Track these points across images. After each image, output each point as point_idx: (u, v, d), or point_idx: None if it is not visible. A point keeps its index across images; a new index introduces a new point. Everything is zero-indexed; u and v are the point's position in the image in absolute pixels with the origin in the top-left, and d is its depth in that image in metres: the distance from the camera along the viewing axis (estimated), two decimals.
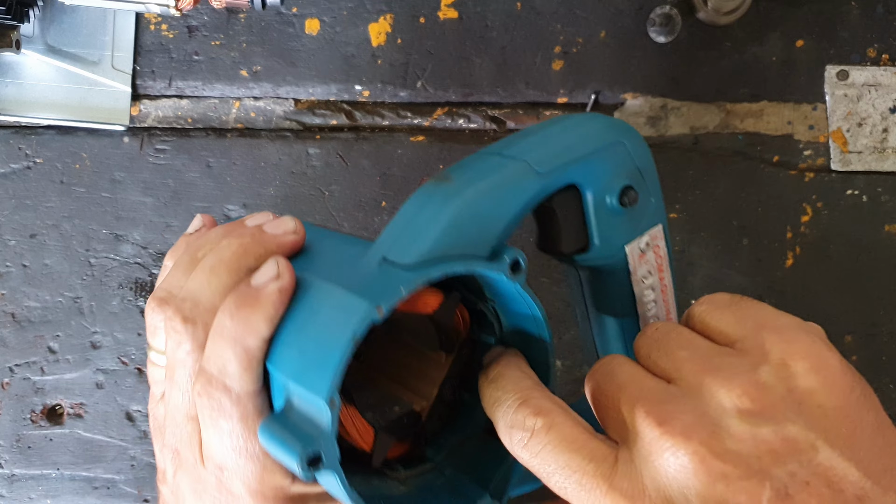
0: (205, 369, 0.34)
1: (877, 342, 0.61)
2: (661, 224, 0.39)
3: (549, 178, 0.35)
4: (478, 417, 0.38)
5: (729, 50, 0.61)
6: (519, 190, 0.35)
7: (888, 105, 0.61)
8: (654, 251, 0.40)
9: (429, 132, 0.61)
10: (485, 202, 0.34)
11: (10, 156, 0.60)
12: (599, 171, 0.37)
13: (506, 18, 0.60)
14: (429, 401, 0.37)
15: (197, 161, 0.60)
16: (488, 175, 0.34)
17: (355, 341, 0.29)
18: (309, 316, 0.32)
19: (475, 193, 0.33)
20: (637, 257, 0.39)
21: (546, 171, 0.35)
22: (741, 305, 0.33)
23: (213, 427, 0.34)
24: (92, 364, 0.60)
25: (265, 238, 0.36)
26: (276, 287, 0.33)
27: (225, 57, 0.61)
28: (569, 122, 0.38)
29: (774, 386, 0.30)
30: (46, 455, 0.60)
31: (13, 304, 0.60)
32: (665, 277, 0.41)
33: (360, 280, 0.32)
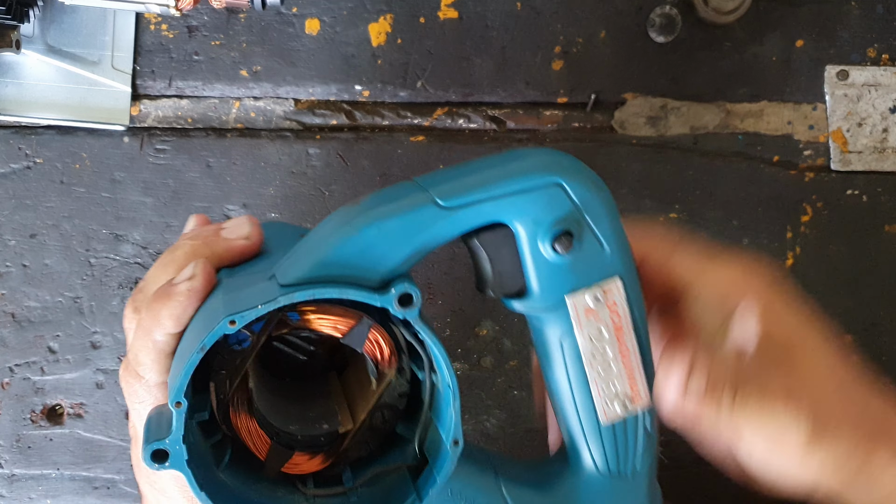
0: (127, 357, 0.36)
1: (877, 342, 0.61)
2: (619, 277, 0.35)
3: (458, 213, 0.33)
4: (407, 454, 0.38)
5: (729, 50, 0.61)
6: (416, 222, 0.33)
7: (888, 105, 0.61)
8: (610, 308, 0.36)
9: (429, 132, 0.61)
10: (375, 231, 0.33)
11: (10, 156, 0.60)
12: (528, 212, 0.34)
13: (506, 18, 0.60)
14: (356, 425, 0.37)
15: (197, 161, 0.60)
16: (390, 203, 0.33)
17: (202, 349, 0.31)
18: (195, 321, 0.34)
19: (366, 221, 0.33)
20: (582, 311, 0.35)
21: (452, 205, 0.33)
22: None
23: (133, 411, 0.36)
24: (92, 364, 0.60)
25: (216, 242, 0.37)
26: (186, 287, 0.34)
27: (225, 57, 0.61)
28: (502, 158, 0.35)
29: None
30: (46, 455, 0.60)
31: (13, 303, 0.60)
32: (628, 342, 0.36)
33: (241, 293, 0.33)
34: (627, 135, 0.61)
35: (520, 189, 0.34)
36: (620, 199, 0.60)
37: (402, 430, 0.38)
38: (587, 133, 0.61)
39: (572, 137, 0.61)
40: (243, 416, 0.36)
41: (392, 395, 0.38)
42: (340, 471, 0.38)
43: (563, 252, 0.34)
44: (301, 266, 0.32)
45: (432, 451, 0.37)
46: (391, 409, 0.38)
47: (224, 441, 0.37)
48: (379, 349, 0.36)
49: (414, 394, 0.38)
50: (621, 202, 0.60)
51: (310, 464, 0.37)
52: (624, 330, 0.36)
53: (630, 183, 0.61)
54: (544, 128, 0.61)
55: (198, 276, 0.35)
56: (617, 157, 0.61)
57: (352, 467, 0.38)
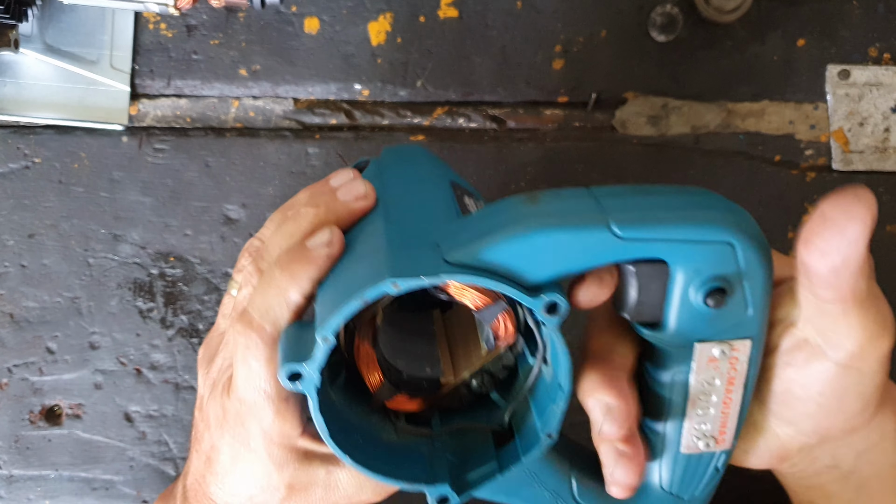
0: (247, 311, 0.38)
1: None
2: (751, 339, 0.36)
3: (629, 244, 0.33)
4: (494, 419, 0.39)
5: (730, 49, 0.61)
6: (588, 243, 0.33)
7: (890, 104, 0.61)
8: (731, 362, 0.36)
9: (429, 131, 0.61)
10: (545, 239, 0.33)
11: (8, 155, 0.60)
12: (693, 261, 0.34)
13: (506, 17, 0.60)
14: (456, 379, 0.39)
15: (196, 160, 0.60)
16: (568, 215, 0.33)
17: (364, 301, 0.32)
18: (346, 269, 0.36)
19: (539, 225, 0.33)
20: (706, 359, 0.36)
21: (628, 237, 0.33)
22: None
23: (244, 364, 0.37)
24: (90, 364, 0.60)
25: (337, 206, 0.40)
26: (325, 252, 0.37)
27: (224, 56, 0.60)
28: (685, 199, 0.35)
29: None
30: (45, 456, 0.60)
31: (11, 304, 0.60)
32: (734, 394, 0.37)
33: (402, 254, 0.34)
34: (628, 134, 0.61)
35: (694, 239, 0.34)
36: None
37: (496, 398, 0.40)
38: (588, 132, 0.61)
39: (573, 137, 0.61)
40: (366, 346, 0.38)
41: (497, 365, 0.40)
42: (430, 415, 0.40)
43: (712, 306, 0.35)
44: (467, 249, 0.33)
45: (521, 427, 0.39)
46: (492, 377, 0.40)
47: (341, 363, 0.39)
48: (504, 327, 0.37)
49: (515, 368, 0.40)
50: None
51: (408, 404, 0.40)
52: (735, 383, 0.37)
53: (631, 182, 0.60)
54: (545, 127, 0.61)
55: (335, 244, 0.37)
56: (618, 157, 0.61)
57: (441, 414, 0.40)
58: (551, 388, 0.37)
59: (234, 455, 0.40)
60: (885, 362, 0.37)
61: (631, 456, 0.37)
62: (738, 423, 0.38)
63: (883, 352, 0.36)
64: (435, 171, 0.44)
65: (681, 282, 0.34)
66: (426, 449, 0.39)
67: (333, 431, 0.35)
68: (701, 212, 0.34)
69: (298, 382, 0.34)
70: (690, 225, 0.33)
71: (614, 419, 0.36)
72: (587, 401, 0.37)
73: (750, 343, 0.36)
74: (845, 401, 0.37)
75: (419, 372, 0.40)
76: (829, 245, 0.33)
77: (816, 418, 0.38)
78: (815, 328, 0.36)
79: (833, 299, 0.34)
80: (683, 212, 0.34)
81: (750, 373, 0.37)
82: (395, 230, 0.37)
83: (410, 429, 0.39)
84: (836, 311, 0.35)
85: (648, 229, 0.33)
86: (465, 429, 0.40)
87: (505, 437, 0.39)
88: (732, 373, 0.37)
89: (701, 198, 0.35)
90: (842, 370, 0.36)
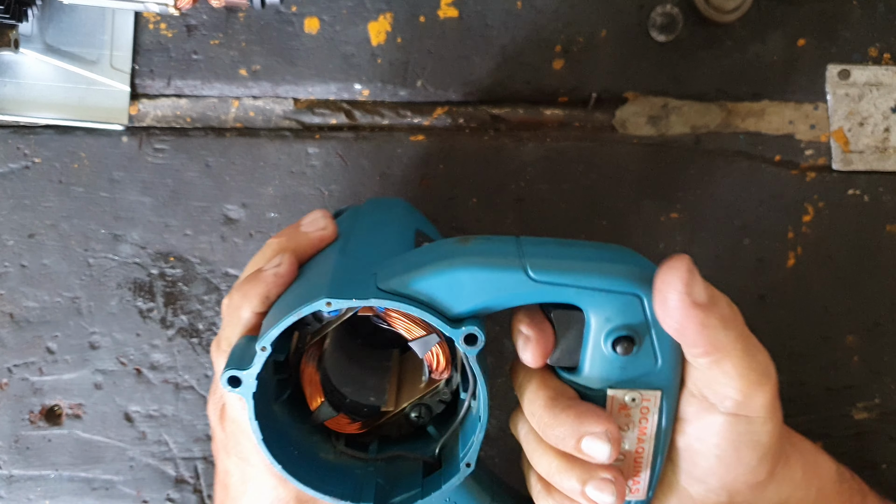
0: (218, 336, 0.42)
1: (879, 342, 0.61)
2: (661, 391, 0.38)
3: (542, 287, 0.37)
4: (428, 450, 0.43)
5: (730, 49, 0.61)
6: (504, 282, 0.37)
7: (890, 104, 0.61)
8: (642, 412, 0.39)
9: (429, 131, 0.61)
10: (468, 276, 0.37)
11: (8, 155, 0.60)
12: (603, 309, 0.37)
13: (506, 17, 0.60)
14: (396, 409, 0.43)
15: (196, 160, 0.60)
16: (491, 256, 0.37)
17: (299, 315, 0.36)
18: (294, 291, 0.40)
19: (463, 264, 0.37)
20: (617, 406, 0.39)
21: (540, 279, 0.37)
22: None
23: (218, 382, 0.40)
24: (90, 364, 0.60)
25: (298, 237, 0.44)
26: (272, 272, 0.41)
27: (224, 56, 0.60)
28: (599, 252, 0.39)
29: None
30: (45, 456, 0.60)
31: (11, 304, 0.60)
32: (646, 444, 0.39)
33: (342, 279, 0.38)
34: (628, 134, 0.61)
35: (603, 288, 0.37)
36: (621, 199, 0.60)
37: (432, 430, 0.44)
38: (588, 132, 0.61)
39: (573, 137, 0.61)
40: (310, 368, 0.42)
41: (434, 398, 0.43)
42: (369, 440, 0.44)
43: (620, 353, 0.37)
44: (398, 279, 0.37)
45: (448, 458, 0.42)
46: (428, 409, 0.43)
47: (288, 381, 0.43)
48: (437, 361, 0.41)
49: (452, 404, 0.44)
50: (622, 202, 0.60)
51: (348, 426, 0.43)
52: (647, 433, 0.39)
53: (631, 182, 0.60)
54: (545, 127, 0.61)
55: (283, 264, 0.41)
56: (618, 157, 0.61)
57: (379, 441, 0.44)
58: (474, 420, 0.40)
59: (242, 474, 0.43)
60: (772, 409, 0.38)
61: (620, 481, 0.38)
62: (651, 475, 0.40)
63: (767, 398, 0.38)
64: (406, 219, 0.49)
65: (594, 329, 0.38)
66: (360, 471, 0.42)
67: (269, 439, 0.38)
68: (613, 265, 0.37)
69: (238, 388, 0.37)
70: (601, 275, 0.37)
71: (613, 440, 0.37)
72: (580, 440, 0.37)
73: (660, 395, 0.39)
74: (742, 451, 0.39)
75: (362, 399, 0.43)
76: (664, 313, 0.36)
77: (718, 472, 0.39)
78: (703, 382, 0.38)
79: (699, 354, 0.37)
80: (596, 263, 0.37)
81: (661, 426, 0.39)
82: (345, 261, 0.41)
83: (348, 451, 0.43)
84: (710, 364, 0.37)
85: (560, 275, 0.37)
86: (399, 457, 0.43)
87: (434, 467, 0.42)
88: (644, 422, 0.39)
89: (615, 252, 0.39)
90: (732, 420, 0.38)
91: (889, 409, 0.61)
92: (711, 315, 0.36)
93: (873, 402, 0.61)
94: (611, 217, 0.60)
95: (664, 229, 0.60)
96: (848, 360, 0.61)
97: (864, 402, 0.61)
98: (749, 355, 0.37)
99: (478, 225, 0.60)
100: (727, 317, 0.36)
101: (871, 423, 0.61)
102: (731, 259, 0.60)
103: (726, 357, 0.36)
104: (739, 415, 0.38)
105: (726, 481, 0.40)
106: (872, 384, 0.61)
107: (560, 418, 0.38)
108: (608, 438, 0.37)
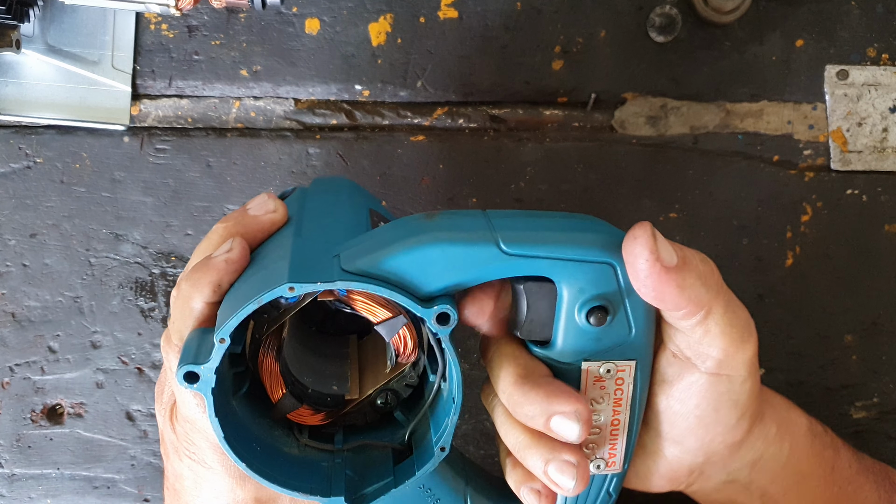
0: (167, 332, 0.39)
1: (877, 341, 0.61)
2: (635, 361, 0.38)
3: (515, 261, 0.36)
4: (396, 437, 0.41)
5: (729, 50, 0.61)
6: (476, 257, 0.35)
7: (888, 105, 0.61)
8: (617, 383, 0.38)
9: (429, 132, 0.61)
10: (438, 252, 0.35)
11: (10, 155, 0.60)
12: (576, 280, 0.36)
13: (506, 18, 0.60)
14: (361, 396, 0.41)
15: (197, 161, 0.60)
16: (460, 231, 0.36)
17: (259, 302, 0.34)
18: (250, 277, 0.37)
19: (432, 239, 0.35)
20: (592, 379, 0.38)
21: (513, 252, 0.35)
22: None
23: (176, 385, 0.37)
24: (92, 364, 0.60)
25: (246, 219, 0.41)
26: (223, 258, 0.38)
27: (225, 56, 0.61)
28: (571, 222, 0.38)
29: None
30: (46, 454, 0.60)
31: (13, 303, 0.60)
32: (622, 416, 0.39)
33: (303, 262, 0.36)
34: (627, 134, 0.61)
35: (576, 258, 0.36)
36: (620, 199, 0.60)
37: (399, 416, 0.42)
38: (587, 133, 0.61)
39: (572, 137, 0.61)
40: (269, 358, 0.40)
41: (401, 383, 0.41)
42: (334, 431, 0.42)
43: (594, 324, 0.37)
44: (364, 259, 0.35)
45: (419, 444, 0.40)
46: (395, 395, 0.42)
47: (245, 374, 0.40)
48: (404, 343, 0.39)
49: (419, 387, 0.42)
50: (621, 202, 0.61)
51: (311, 418, 0.41)
52: (622, 404, 0.39)
53: (630, 183, 0.61)
54: (544, 127, 0.61)
55: (235, 249, 0.38)
56: (617, 157, 0.61)
57: (345, 431, 0.42)
58: (447, 403, 0.39)
59: (196, 477, 0.40)
60: (753, 367, 0.38)
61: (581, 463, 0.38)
62: (627, 446, 0.40)
63: (748, 356, 0.38)
64: (356, 198, 0.47)
65: (567, 300, 0.37)
66: (327, 464, 0.40)
67: (230, 436, 0.36)
68: (584, 234, 0.37)
69: (195, 384, 0.35)
70: (573, 245, 0.36)
71: (583, 420, 0.37)
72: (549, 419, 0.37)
73: (635, 364, 0.38)
74: (721, 411, 0.38)
75: (325, 388, 0.41)
76: (638, 283, 0.35)
77: (697, 433, 0.39)
78: (683, 343, 0.38)
79: (684, 316, 0.36)
80: (568, 233, 0.37)
81: (636, 395, 0.39)
82: (301, 243, 0.38)
83: (313, 444, 0.41)
84: (695, 324, 0.36)
85: (533, 247, 0.36)
86: (367, 446, 0.41)
87: (405, 454, 0.41)
88: (619, 393, 0.38)
89: (586, 222, 0.38)
90: (713, 379, 0.38)
91: (887, 408, 0.61)
92: (687, 274, 0.35)
93: (872, 401, 0.61)
94: (610, 217, 0.60)
95: (663, 229, 0.60)
96: (846, 359, 0.61)
97: (863, 402, 0.61)
98: (731, 311, 0.37)
99: None
100: (704, 272, 0.36)
101: (869, 421, 0.61)
102: (729, 259, 0.61)
103: (709, 317, 0.36)
104: (721, 374, 0.37)
105: (704, 441, 0.39)
106: (871, 383, 0.61)
107: (530, 396, 0.37)
108: (578, 418, 0.36)
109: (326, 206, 0.44)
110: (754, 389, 0.39)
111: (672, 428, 0.39)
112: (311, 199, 0.45)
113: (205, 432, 0.38)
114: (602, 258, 0.36)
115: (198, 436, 0.39)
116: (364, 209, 0.45)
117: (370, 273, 0.35)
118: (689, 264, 0.35)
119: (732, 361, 0.37)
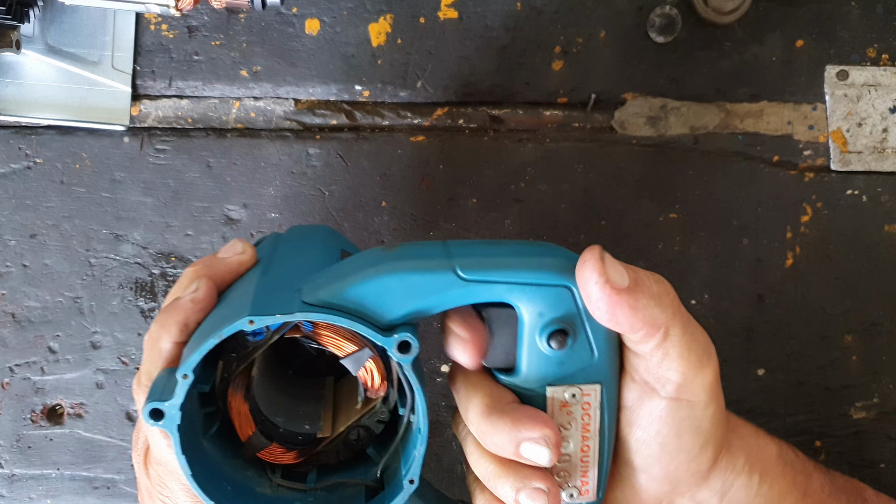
0: (139, 372, 0.40)
1: (877, 342, 0.61)
2: (600, 384, 0.38)
3: (473, 287, 0.36)
4: (369, 474, 0.41)
5: (729, 50, 0.61)
6: (434, 284, 0.36)
7: (888, 105, 0.61)
8: (584, 408, 0.38)
9: (429, 132, 0.61)
10: (396, 281, 0.36)
11: (10, 156, 0.60)
12: (535, 304, 0.37)
13: (506, 18, 0.60)
14: (332, 435, 0.41)
15: (197, 161, 0.60)
16: (417, 259, 0.36)
17: (220, 337, 0.34)
18: (215, 316, 0.38)
19: (390, 269, 0.36)
20: (558, 403, 0.38)
21: (470, 278, 0.36)
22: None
23: (148, 427, 0.38)
24: (92, 364, 0.60)
25: (214, 262, 0.42)
26: (189, 297, 0.39)
27: (225, 57, 0.61)
28: (527, 248, 0.38)
29: None
30: (46, 455, 0.60)
31: (13, 304, 0.60)
32: (591, 442, 0.39)
33: (264, 296, 0.37)
34: (627, 135, 0.61)
35: (533, 282, 0.36)
36: (620, 200, 0.61)
37: (372, 453, 0.42)
38: (587, 133, 0.61)
39: (572, 137, 0.61)
40: (238, 398, 0.40)
41: (372, 419, 0.41)
42: (307, 470, 0.42)
43: (556, 348, 0.37)
44: (324, 290, 0.36)
45: (390, 480, 0.40)
46: (367, 431, 0.42)
47: (216, 414, 0.40)
48: (371, 377, 0.39)
49: (392, 423, 0.42)
50: (621, 202, 0.61)
51: (283, 456, 0.41)
52: (591, 430, 0.39)
53: (630, 183, 0.61)
54: (544, 128, 0.61)
55: (200, 289, 0.39)
56: (617, 158, 0.61)
57: (318, 470, 0.42)
58: (414, 435, 0.39)
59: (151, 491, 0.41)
60: (713, 392, 0.38)
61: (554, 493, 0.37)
62: (599, 473, 0.39)
63: (707, 380, 0.37)
64: (330, 241, 0.47)
65: (528, 325, 0.37)
66: (300, 503, 0.40)
67: (199, 475, 0.37)
68: (540, 258, 0.37)
69: (160, 421, 0.35)
70: (529, 269, 0.37)
71: (552, 444, 0.36)
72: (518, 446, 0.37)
73: (600, 388, 0.38)
74: (683, 437, 0.38)
75: (296, 427, 0.41)
76: (592, 307, 0.36)
77: (661, 461, 0.39)
78: (643, 367, 0.38)
79: (641, 339, 0.36)
80: (524, 258, 0.37)
81: (605, 420, 0.39)
82: (266, 281, 0.39)
83: (286, 483, 0.41)
84: (654, 348, 0.36)
85: (490, 272, 0.36)
86: (340, 484, 0.41)
87: (377, 491, 0.41)
88: (587, 419, 0.38)
89: (542, 248, 0.38)
90: (673, 404, 0.37)
91: (887, 409, 0.61)
92: (640, 295, 0.35)
93: (872, 401, 0.61)
94: (610, 217, 0.61)
95: (663, 229, 0.61)
96: (846, 359, 0.61)
97: (863, 402, 0.61)
98: (689, 334, 0.37)
99: (477, 225, 0.60)
100: (658, 293, 0.36)
101: (869, 422, 0.61)
102: (729, 259, 0.61)
103: (668, 336, 0.36)
104: (681, 399, 0.37)
105: (669, 469, 0.39)
106: (871, 384, 0.61)
107: (497, 426, 0.37)
108: (547, 442, 0.36)
109: (297, 248, 0.45)
110: (717, 416, 0.39)
111: (636, 455, 0.39)
112: (284, 242, 0.46)
113: (176, 474, 0.38)
114: (558, 281, 0.37)
115: (170, 478, 0.39)
116: (336, 250, 0.45)
117: (331, 304, 0.35)
118: (641, 285, 0.35)
119: (692, 386, 0.37)
